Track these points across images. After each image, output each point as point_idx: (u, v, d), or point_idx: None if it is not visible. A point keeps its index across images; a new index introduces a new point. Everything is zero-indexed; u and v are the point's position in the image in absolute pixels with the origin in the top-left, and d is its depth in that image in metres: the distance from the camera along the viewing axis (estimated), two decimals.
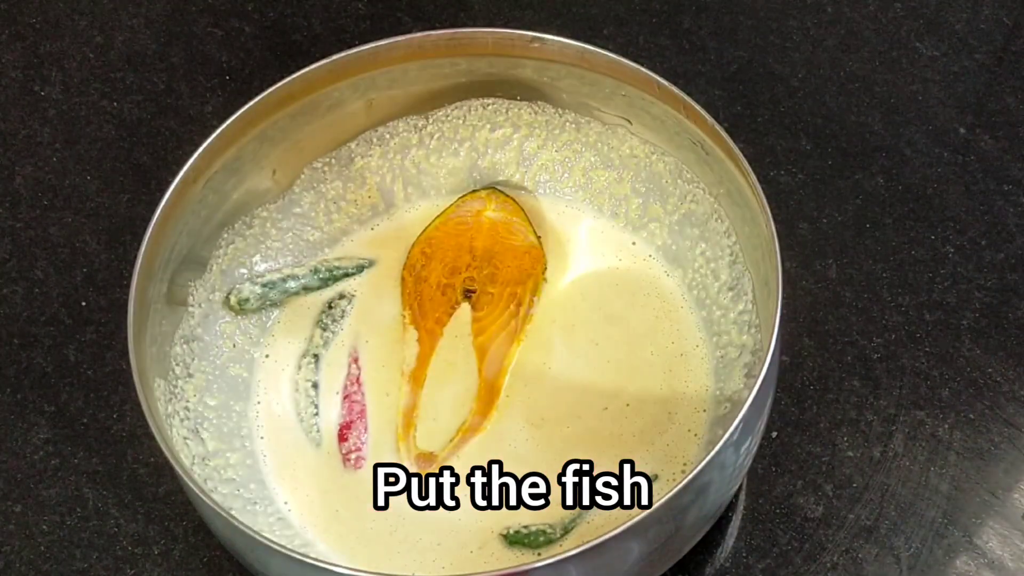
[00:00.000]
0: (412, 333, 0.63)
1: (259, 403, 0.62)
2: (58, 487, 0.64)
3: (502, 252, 0.65)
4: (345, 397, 0.62)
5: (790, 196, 0.71)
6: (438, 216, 0.66)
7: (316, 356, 0.63)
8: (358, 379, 0.62)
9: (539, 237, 0.65)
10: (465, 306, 0.64)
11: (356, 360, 0.63)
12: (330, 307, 0.64)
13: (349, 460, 0.60)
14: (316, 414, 0.61)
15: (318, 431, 0.61)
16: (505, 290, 0.64)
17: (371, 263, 0.66)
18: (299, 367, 0.62)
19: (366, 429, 0.61)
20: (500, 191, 0.67)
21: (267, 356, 0.63)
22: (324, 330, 0.63)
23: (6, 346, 0.68)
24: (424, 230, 0.66)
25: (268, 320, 0.64)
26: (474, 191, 0.67)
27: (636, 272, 0.64)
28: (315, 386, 0.62)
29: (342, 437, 0.60)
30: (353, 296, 0.65)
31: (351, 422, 0.61)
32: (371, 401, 0.61)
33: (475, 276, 0.64)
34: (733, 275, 0.61)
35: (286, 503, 0.59)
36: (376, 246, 0.66)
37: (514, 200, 0.66)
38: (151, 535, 0.62)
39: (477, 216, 0.66)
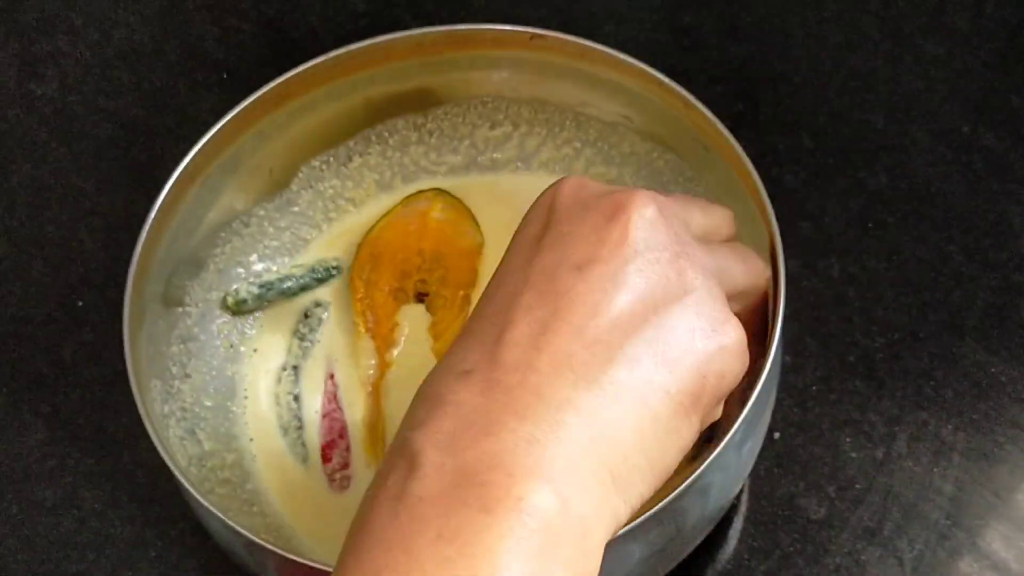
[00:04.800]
0: (368, 342, 0.61)
1: (246, 398, 0.61)
2: (54, 488, 0.63)
3: (450, 254, 0.63)
4: (324, 416, 0.60)
5: (792, 195, 0.71)
6: (383, 216, 0.65)
7: (296, 367, 0.62)
8: (335, 396, 0.61)
9: (483, 238, 0.64)
10: (423, 311, 0.62)
11: (332, 377, 0.61)
12: (306, 316, 0.63)
13: (335, 481, 0.59)
14: (300, 427, 0.60)
15: (303, 446, 0.60)
16: (458, 292, 0.62)
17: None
18: (279, 379, 0.61)
19: (348, 448, 0.60)
20: (446, 192, 0.65)
21: (255, 351, 0.62)
22: (301, 340, 0.62)
23: (1, 346, 0.68)
24: (369, 231, 0.64)
25: (257, 315, 0.63)
26: (420, 191, 0.66)
27: None
28: (296, 399, 0.61)
29: (325, 458, 0.59)
30: (328, 304, 0.63)
31: (332, 441, 0.60)
32: (350, 417, 0.60)
33: (427, 279, 0.63)
34: None
35: (280, 511, 0.58)
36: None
37: (461, 201, 0.65)
38: (148, 537, 0.62)
39: (423, 217, 0.65)
